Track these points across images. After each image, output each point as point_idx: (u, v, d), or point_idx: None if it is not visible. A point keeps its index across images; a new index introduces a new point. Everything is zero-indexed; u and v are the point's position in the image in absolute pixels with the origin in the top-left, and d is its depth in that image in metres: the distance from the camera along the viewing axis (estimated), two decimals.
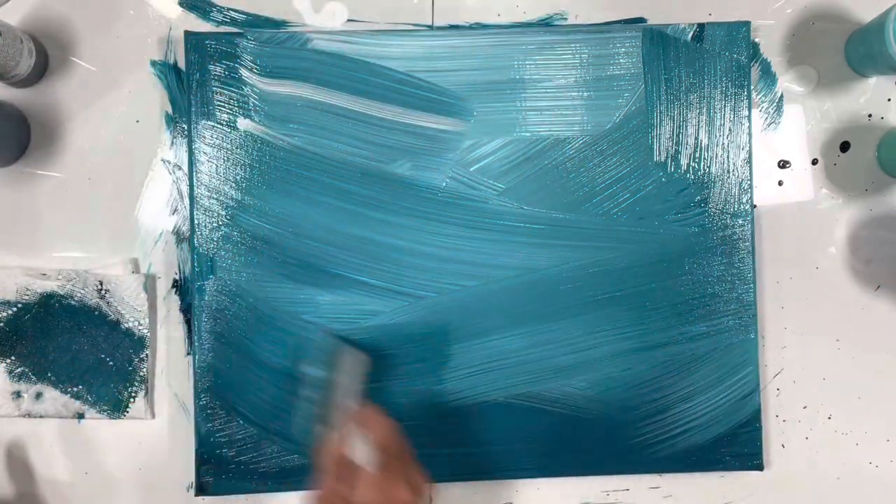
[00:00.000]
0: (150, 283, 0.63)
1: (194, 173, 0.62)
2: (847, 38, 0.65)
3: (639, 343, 0.63)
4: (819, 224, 0.65)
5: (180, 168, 0.64)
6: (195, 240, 0.62)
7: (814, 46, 0.66)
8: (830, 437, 0.65)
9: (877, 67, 0.63)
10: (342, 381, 0.55)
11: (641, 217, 0.63)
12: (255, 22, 0.64)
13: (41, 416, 0.63)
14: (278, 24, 0.64)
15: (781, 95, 0.65)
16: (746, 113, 0.63)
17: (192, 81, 0.62)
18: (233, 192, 0.62)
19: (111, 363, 0.63)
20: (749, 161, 0.63)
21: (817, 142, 0.66)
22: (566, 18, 0.65)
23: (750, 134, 0.63)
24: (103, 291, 0.62)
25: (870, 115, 0.66)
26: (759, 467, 0.63)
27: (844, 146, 0.65)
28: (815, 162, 0.65)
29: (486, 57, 0.63)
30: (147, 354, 0.63)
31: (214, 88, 0.62)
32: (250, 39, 0.62)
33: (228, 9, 0.64)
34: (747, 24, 0.64)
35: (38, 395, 0.62)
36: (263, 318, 0.62)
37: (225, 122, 0.62)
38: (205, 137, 0.62)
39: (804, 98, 0.66)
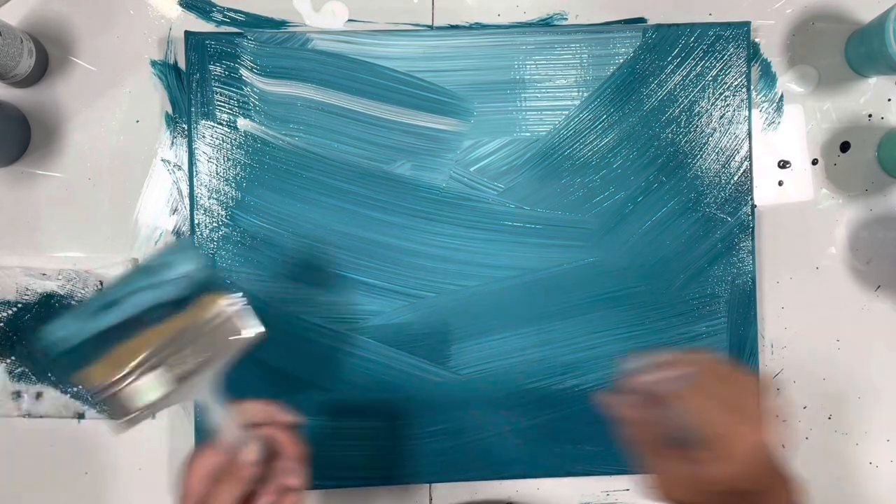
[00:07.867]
0: None
1: (194, 173, 0.62)
2: (847, 38, 0.65)
3: (639, 343, 0.63)
4: (819, 224, 0.65)
5: (180, 168, 0.64)
6: (195, 240, 0.62)
7: (814, 46, 0.66)
8: (830, 437, 0.65)
9: (877, 67, 0.63)
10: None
11: (641, 217, 0.63)
12: (255, 22, 0.64)
13: (41, 416, 0.63)
14: (278, 24, 0.64)
15: (781, 95, 0.65)
16: (746, 113, 0.63)
17: (192, 81, 0.62)
18: (233, 192, 0.62)
19: None
20: (749, 161, 0.63)
21: (817, 142, 0.65)
22: (566, 18, 0.65)
23: (750, 134, 0.63)
24: None
25: (870, 115, 0.66)
26: None
27: (844, 146, 0.65)
28: (815, 162, 0.65)
29: (486, 57, 0.63)
30: None
31: (214, 88, 0.62)
32: (250, 39, 0.62)
33: (228, 9, 0.64)
34: (747, 24, 0.64)
35: (38, 395, 0.62)
36: (263, 318, 0.62)
37: (225, 122, 0.62)
38: (205, 137, 0.62)
39: (804, 98, 0.66)
